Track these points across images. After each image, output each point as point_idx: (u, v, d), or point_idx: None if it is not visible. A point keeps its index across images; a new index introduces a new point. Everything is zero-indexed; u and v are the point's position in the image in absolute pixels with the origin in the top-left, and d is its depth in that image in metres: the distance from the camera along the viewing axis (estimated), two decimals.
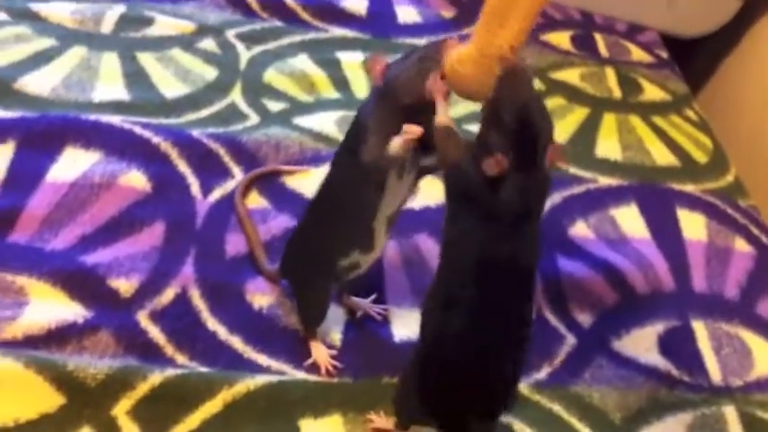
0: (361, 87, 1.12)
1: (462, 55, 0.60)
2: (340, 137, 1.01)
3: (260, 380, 0.74)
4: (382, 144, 0.68)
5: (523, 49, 0.60)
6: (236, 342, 0.78)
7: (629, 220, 1.03)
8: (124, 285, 0.80)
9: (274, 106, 1.05)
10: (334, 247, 0.75)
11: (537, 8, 0.58)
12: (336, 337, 0.80)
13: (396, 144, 0.67)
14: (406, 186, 0.73)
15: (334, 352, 0.78)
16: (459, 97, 0.66)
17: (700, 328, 0.91)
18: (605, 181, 1.08)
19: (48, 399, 0.69)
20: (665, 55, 1.40)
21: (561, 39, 1.34)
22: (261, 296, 0.82)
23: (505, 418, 0.75)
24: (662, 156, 1.15)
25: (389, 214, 0.74)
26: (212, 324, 0.79)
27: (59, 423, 0.68)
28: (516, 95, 0.60)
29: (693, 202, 1.08)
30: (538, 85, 1.22)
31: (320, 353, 0.77)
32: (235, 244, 0.86)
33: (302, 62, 1.14)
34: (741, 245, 1.04)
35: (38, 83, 1.00)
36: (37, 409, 0.68)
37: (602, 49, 1.35)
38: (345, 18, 1.25)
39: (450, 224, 0.64)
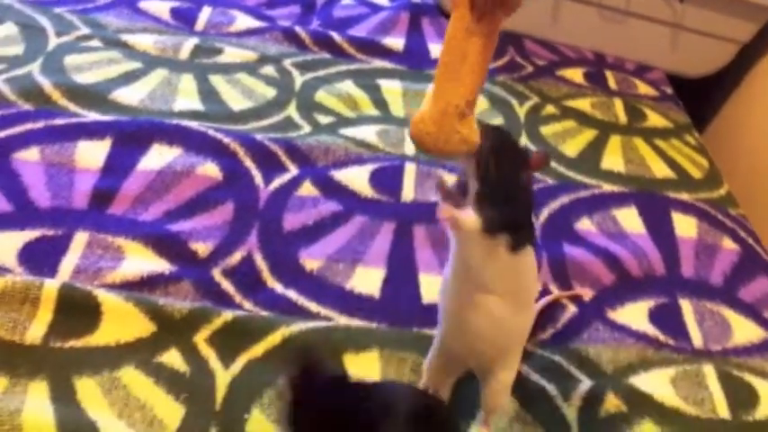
0: (398, 108, 1.30)
1: (424, 115, 0.60)
2: (380, 145, 1.20)
3: (311, 323, 0.90)
4: None
5: (478, 100, 0.60)
6: (292, 294, 0.94)
7: (629, 219, 1.18)
8: (201, 248, 0.97)
9: (323, 119, 1.24)
10: None
11: (486, 62, 0.58)
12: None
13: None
14: None
15: None
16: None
17: (686, 305, 1.06)
18: (609, 188, 1.24)
19: (143, 326, 0.86)
20: (669, 91, 1.57)
21: (575, 74, 1.52)
22: (312, 261, 0.99)
23: None
24: (661, 170, 1.31)
25: None
26: (271, 282, 0.95)
27: (152, 346, 0.85)
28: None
29: (687, 208, 1.23)
30: (552, 110, 1.40)
31: None
32: (290, 222, 1.03)
33: (347, 86, 1.33)
34: (728, 243, 1.18)
35: (127, 95, 1.19)
36: (134, 334, 0.85)
37: (612, 84, 1.53)
38: (385, 52, 1.44)
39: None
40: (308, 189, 1.09)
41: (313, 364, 0.66)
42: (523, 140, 1.30)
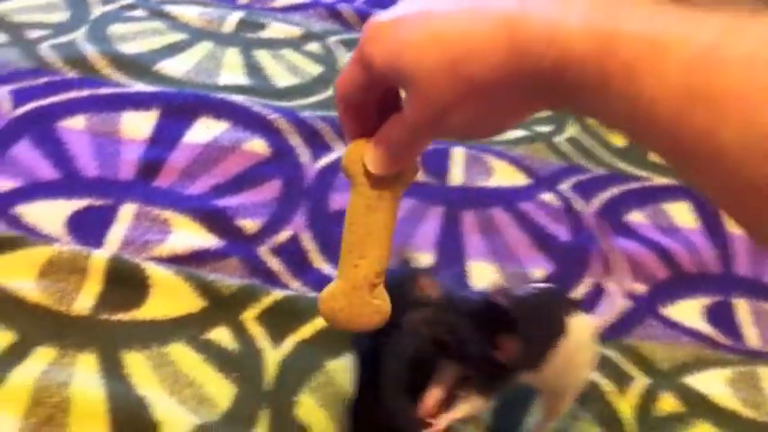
0: None
1: (334, 292, 0.58)
2: None
3: None
4: None
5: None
6: None
7: (681, 213, 1.15)
8: (249, 224, 0.95)
9: None
10: None
11: (391, 233, 0.57)
12: None
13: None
14: None
15: None
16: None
17: (741, 305, 1.03)
18: (660, 180, 1.21)
19: (192, 301, 0.84)
20: None
21: None
22: None
23: None
24: None
25: None
26: (318, 262, 0.93)
27: (201, 322, 0.83)
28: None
29: None
30: None
31: None
32: (337, 201, 1.01)
33: None
34: None
35: (172, 67, 1.17)
36: (183, 309, 0.83)
37: None
38: None
39: None
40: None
41: None
42: (572, 130, 1.27)
